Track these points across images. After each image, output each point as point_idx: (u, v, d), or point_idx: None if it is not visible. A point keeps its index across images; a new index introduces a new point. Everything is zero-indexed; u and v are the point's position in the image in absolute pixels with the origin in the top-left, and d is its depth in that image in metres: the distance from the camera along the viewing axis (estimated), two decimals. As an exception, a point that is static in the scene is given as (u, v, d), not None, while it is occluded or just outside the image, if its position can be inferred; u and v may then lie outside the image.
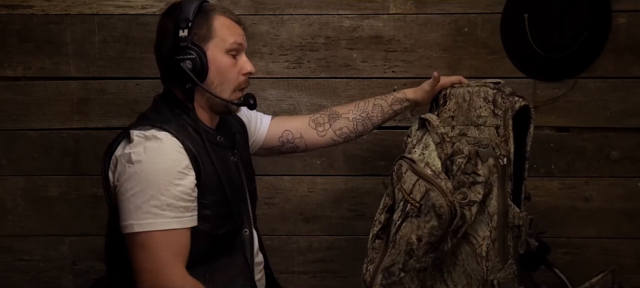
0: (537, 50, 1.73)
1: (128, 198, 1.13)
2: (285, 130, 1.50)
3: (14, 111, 1.80)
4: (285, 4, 1.77)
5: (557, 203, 1.83)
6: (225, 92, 1.25)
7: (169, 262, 1.13)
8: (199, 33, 1.21)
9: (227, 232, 1.26)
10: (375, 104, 1.49)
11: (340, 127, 1.49)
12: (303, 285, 1.89)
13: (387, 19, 1.77)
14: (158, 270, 1.13)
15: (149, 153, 1.13)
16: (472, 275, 1.23)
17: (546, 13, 1.71)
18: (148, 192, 1.12)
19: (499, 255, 1.25)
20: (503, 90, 1.30)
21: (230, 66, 1.25)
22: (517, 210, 1.25)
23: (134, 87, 1.79)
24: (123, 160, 1.15)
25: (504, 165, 1.23)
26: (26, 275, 1.89)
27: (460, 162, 1.22)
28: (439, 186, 1.16)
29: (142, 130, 1.17)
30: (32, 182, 1.84)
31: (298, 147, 1.51)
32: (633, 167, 1.81)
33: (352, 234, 1.87)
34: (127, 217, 1.13)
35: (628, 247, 1.84)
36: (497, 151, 1.23)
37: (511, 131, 1.26)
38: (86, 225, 1.84)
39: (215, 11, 1.24)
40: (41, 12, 1.76)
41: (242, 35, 1.27)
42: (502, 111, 1.26)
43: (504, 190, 1.24)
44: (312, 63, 1.79)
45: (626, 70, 1.76)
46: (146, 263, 1.13)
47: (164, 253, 1.13)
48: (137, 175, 1.12)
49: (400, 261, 1.22)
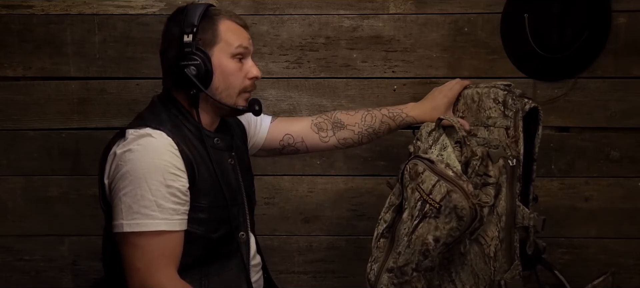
0: (537, 50, 1.73)
1: (120, 197, 1.14)
2: (286, 134, 1.49)
3: (14, 111, 1.80)
4: (285, 4, 1.77)
5: (557, 203, 1.83)
6: (231, 97, 1.25)
7: (159, 263, 1.14)
8: (204, 38, 1.21)
9: (223, 236, 1.25)
10: (383, 122, 1.47)
11: (345, 138, 1.49)
12: (303, 285, 1.89)
13: (387, 19, 1.77)
14: (147, 269, 1.13)
15: (141, 151, 1.14)
16: (479, 275, 1.24)
17: (546, 13, 1.71)
18: (138, 191, 1.12)
19: (506, 255, 1.25)
20: (513, 91, 1.30)
21: (235, 71, 1.24)
22: (526, 211, 1.25)
23: (134, 87, 1.79)
24: (116, 158, 1.16)
25: (513, 166, 1.23)
26: (26, 275, 1.89)
27: (474, 164, 1.22)
28: (461, 187, 1.15)
29: (137, 129, 1.17)
30: (32, 182, 1.84)
31: (299, 150, 1.51)
32: (633, 167, 1.81)
33: (352, 234, 1.87)
34: (118, 216, 1.14)
35: (628, 247, 1.84)
36: (507, 152, 1.24)
37: (521, 132, 1.26)
38: (86, 225, 1.84)
39: (220, 15, 1.24)
40: (41, 12, 1.76)
41: (247, 39, 1.27)
42: (512, 113, 1.26)
43: (513, 191, 1.24)
44: (312, 63, 1.79)
45: (626, 70, 1.76)
46: (136, 263, 1.13)
47: (154, 254, 1.14)
48: (129, 173, 1.13)
49: (414, 261, 1.22)
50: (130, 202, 1.12)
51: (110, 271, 1.28)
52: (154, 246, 1.13)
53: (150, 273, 1.13)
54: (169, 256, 1.15)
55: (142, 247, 1.13)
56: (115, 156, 1.16)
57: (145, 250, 1.13)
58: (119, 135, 1.20)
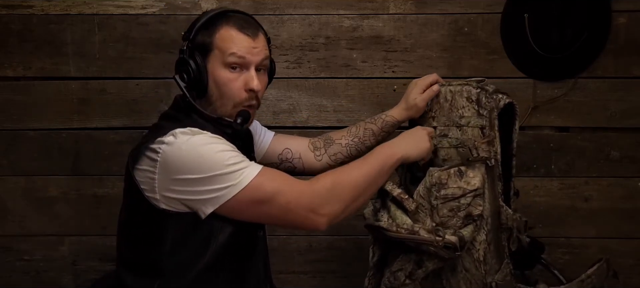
0: (537, 50, 1.73)
1: (206, 179, 1.09)
2: (285, 149, 1.47)
3: (14, 111, 1.80)
4: (285, 4, 1.77)
5: (557, 203, 1.83)
6: (226, 108, 1.20)
7: (285, 179, 1.14)
8: (200, 44, 1.18)
9: (249, 233, 1.24)
10: (366, 128, 1.44)
11: (335, 153, 1.47)
12: (303, 285, 1.89)
13: (387, 19, 1.77)
14: (284, 191, 1.12)
15: (202, 139, 1.11)
16: (471, 280, 1.23)
17: (546, 13, 1.71)
18: (215, 158, 1.09)
19: (495, 256, 1.25)
20: (486, 88, 1.26)
21: (228, 81, 1.18)
22: (510, 212, 1.23)
23: (134, 87, 1.79)
24: (175, 151, 1.09)
25: (492, 166, 1.22)
26: (26, 275, 1.89)
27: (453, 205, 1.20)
28: (415, 240, 1.18)
29: (188, 127, 1.13)
30: (32, 182, 1.84)
31: (296, 168, 1.48)
32: (633, 167, 1.81)
33: (352, 234, 1.87)
34: (221, 188, 1.09)
35: (628, 247, 1.84)
36: (473, 153, 1.21)
37: (497, 131, 1.23)
38: (86, 225, 1.84)
39: (226, 22, 1.18)
40: (41, 12, 1.76)
41: (249, 49, 1.18)
42: (487, 111, 1.23)
43: (495, 191, 1.23)
44: (312, 63, 1.79)
45: (626, 70, 1.76)
46: (272, 200, 1.12)
47: (277, 182, 1.13)
48: (201, 157, 1.09)
49: (408, 269, 1.23)
50: (223, 169, 1.09)
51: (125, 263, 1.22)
52: (267, 177, 1.12)
53: (293, 185, 1.13)
54: (285, 175, 1.16)
55: (266, 182, 1.11)
56: (165, 153, 1.10)
57: (270, 180, 1.12)
58: (163, 133, 1.12)
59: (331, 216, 1.15)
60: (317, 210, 1.14)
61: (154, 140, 1.12)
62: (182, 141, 1.10)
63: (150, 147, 1.12)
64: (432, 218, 1.22)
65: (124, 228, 1.22)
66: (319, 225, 1.15)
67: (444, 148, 1.29)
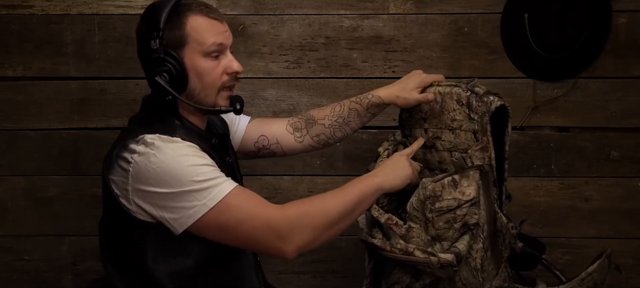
0: (537, 50, 1.73)
1: (173, 195, 1.06)
2: (260, 136, 1.42)
3: (14, 111, 1.80)
4: (285, 4, 1.77)
5: (557, 203, 1.83)
6: (210, 96, 1.18)
7: (256, 203, 1.10)
8: (172, 39, 1.12)
9: None
10: (351, 108, 1.39)
11: (318, 134, 1.42)
12: (303, 285, 1.89)
13: (387, 19, 1.77)
14: (258, 215, 1.09)
15: (174, 151, 1.08)
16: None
17: (546, 13, 1.71)
18: (189, 172, 1.06)
19: (492, 262, 1.22)
20: (476, 91, 1.21)
21: (211, 69, 1.16)
22: (504, 221, 1.20)
23: (134, 87, 1.79)
24: (145, 163, 1.07)
25: (486, 172, 1.18)
26: (26, 275, 1.89)
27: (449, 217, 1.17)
28: (410, 260, 1.15)
29: (157, 134, 1.11)
30: (32, 182, 1.84)
31: (275, 153, 1.45)
32: (633, 167, 1.81)
33: (352, 234, 1.86)
34: (185, 208, 1.06)
35: (628, 247, 1.84)
36: (468, 161, 1.18)
37: (490, 136, 1.19)
38: (86, 225, 1.84)
39: (189, 11, 1.14)
40: (41, 12, 1.76)
41: (223, 34, 1.16)
42: (478, 116, 1.19)
43: (490, 197, 1.20)
44: (312, 63, 1.79)
45: (626, 70, 1.76)
46: (245, 222, 1.08)
47: (249, 198, 1.10)
48: (169, 169, 1.06)
49: (405, 281, 1.22)
50: (191, 185, 1.06)
51: (112, 268, 1.22)
52: (242, 197, 1.09)
53: (257, 215, 1.09)
54: (257, 197, 1.12)
55: (234, 205, 1.08)
56: (139, 160, 1.07)
57: (239, 202, 1.09)
58: (131, 139, 1.10)
59: (301, 245, 1.11)
60: (285, 238, 1.09)
61: (124, 146, 1.10)
62: (152, 152, 1.07)
63: (122, 156, 1.09)
64: (426, 231, 1.19)
65: (106, 233, 1.21)
66: (287, 253, 1.11)
67: (438, 151, 1.28)
